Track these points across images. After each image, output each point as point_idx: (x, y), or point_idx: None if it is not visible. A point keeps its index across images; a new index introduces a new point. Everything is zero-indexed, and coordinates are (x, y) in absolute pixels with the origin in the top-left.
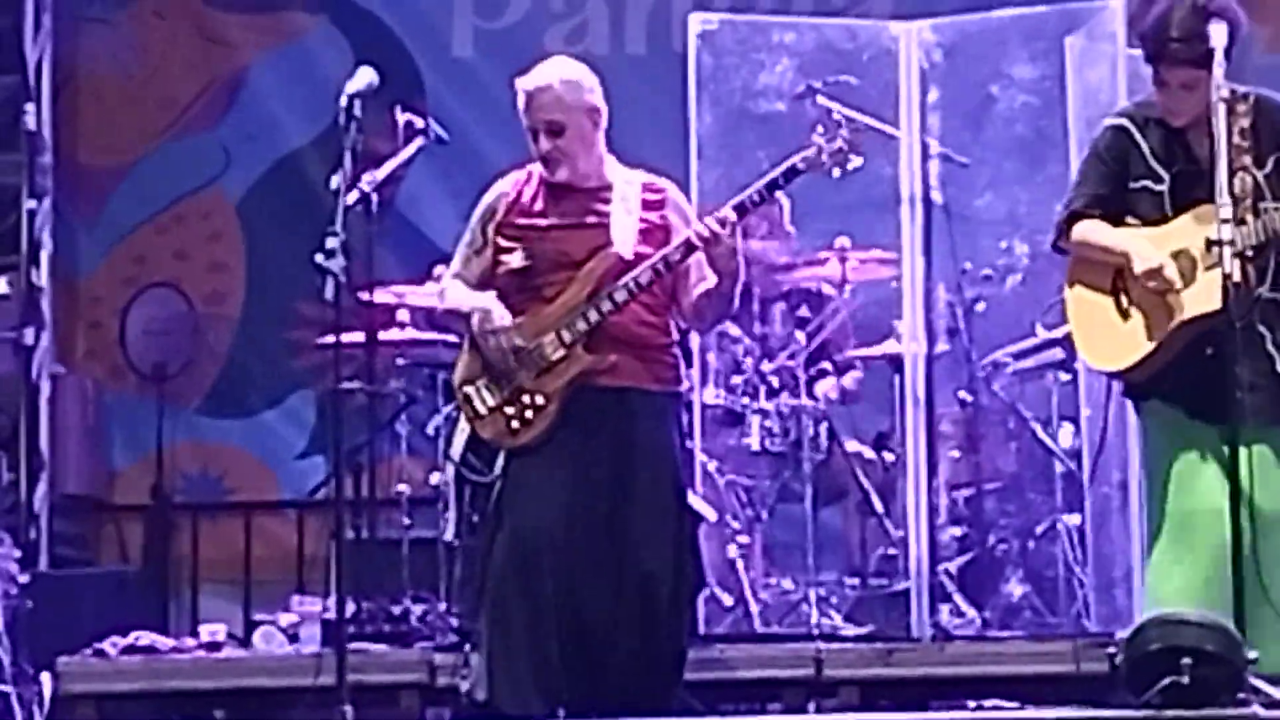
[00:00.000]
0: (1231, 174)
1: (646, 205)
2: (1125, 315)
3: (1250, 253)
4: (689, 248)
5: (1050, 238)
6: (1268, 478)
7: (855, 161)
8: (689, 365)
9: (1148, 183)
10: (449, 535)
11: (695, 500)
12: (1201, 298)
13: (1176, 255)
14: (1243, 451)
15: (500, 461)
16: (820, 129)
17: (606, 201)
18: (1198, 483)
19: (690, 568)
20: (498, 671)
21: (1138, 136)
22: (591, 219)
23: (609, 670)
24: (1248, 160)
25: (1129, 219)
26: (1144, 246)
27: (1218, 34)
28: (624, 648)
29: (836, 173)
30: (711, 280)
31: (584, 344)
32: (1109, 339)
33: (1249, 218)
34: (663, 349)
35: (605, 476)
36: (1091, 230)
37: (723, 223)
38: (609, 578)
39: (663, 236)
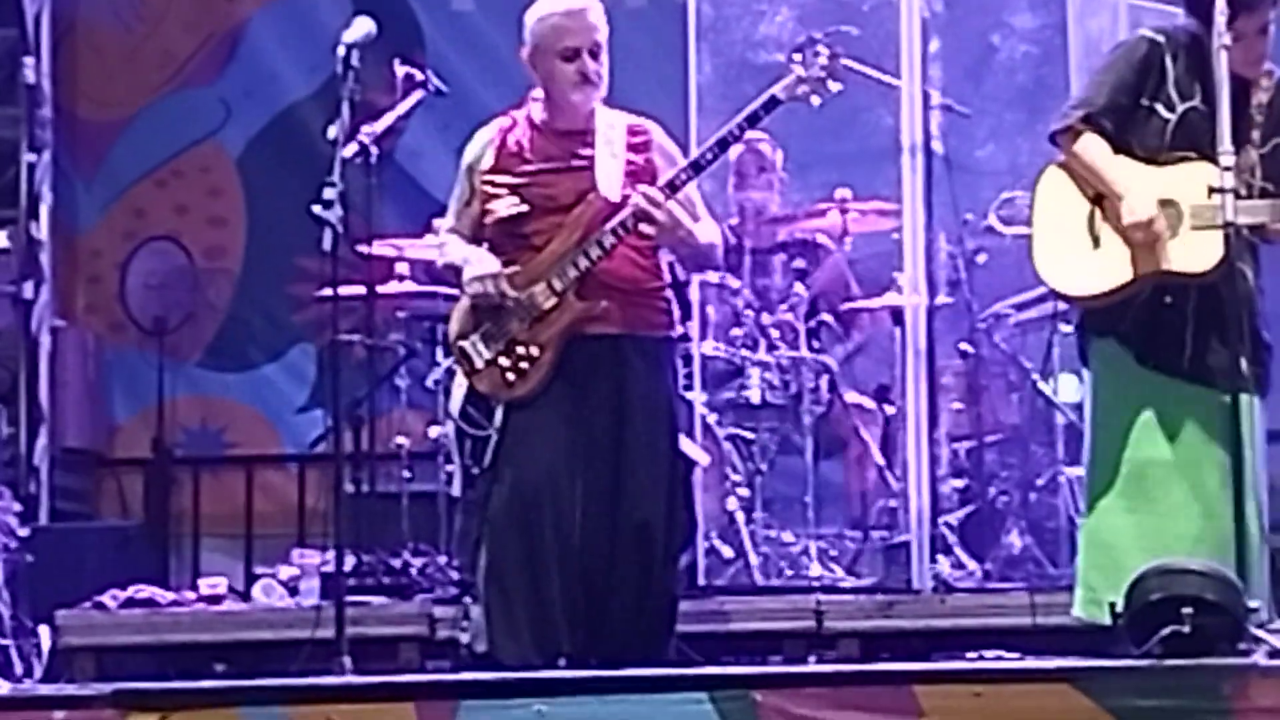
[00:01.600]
0: (1239, 146)
1: (631, 147)
2: (1096, 241)
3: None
4: (672, 187)
5: (1053, 127)
6: (1217, 436)
7: (834, 86)
8: (688, 318)
9: (1159, 106)
10: (456, 490)
11: (688, 445)
12: (1183, 255)
13: (1165, 204)
14: (1196, 407)
15: (499, 415)
16: (797, 56)
17: (591, 144)
18: (1151, 432)
19: (682, 515)
20: (496, 623)
21: (1167, 57)
22: (577, 162)
23: (606, 619)
24: (1256, 135)
25: (1129, 137)
26: (1138, 192)
27: None
28: (620, 596)
29: (816, 100)
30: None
31: (575, 291)
32: (1074, 261)
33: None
34: (654, 293)
35: (601, 425)
36: (1094, 149)
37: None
38: (605, 527)
39: (649, 179)
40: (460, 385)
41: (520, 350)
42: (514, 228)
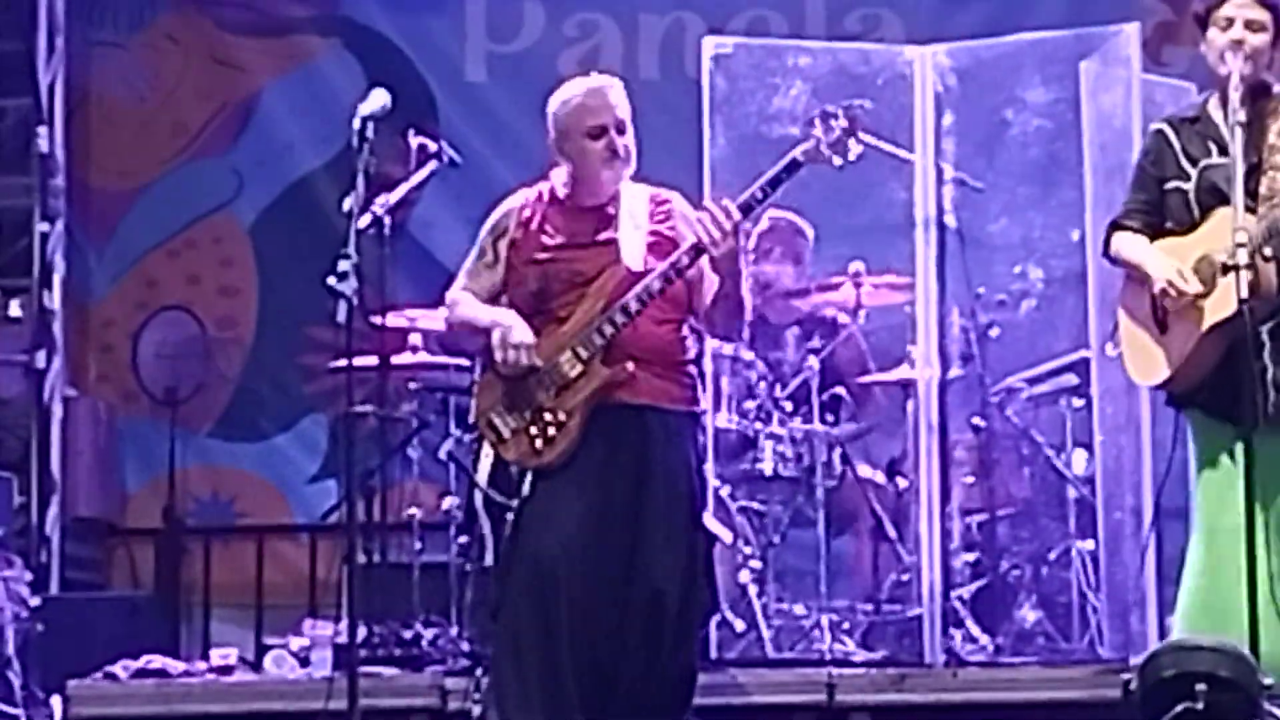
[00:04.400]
0: (1262, 172)
1: (653, 218)
2: (1163, 327)
3: (1268, 250)
4: (698, 250)
5: (1101, 251)
6: None
7: (855, 148)
8: (702, 390)
9: (1178, 183)
10: (488, 559)
11: (711, 521)
12: (1221, 303)
13: (1200, 261)
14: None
15: (527, 483)
16: (816, 120)
17: (614, 218)
18: (1228, 495)
19: (703, 590)
20: (510, 693)
21: (1172, 138)
22: (602, 236)
23: (620, 691)
24: (1279, 160)
25: (1167, 224)
26: (1159, 261)
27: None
28: (634, 668)
29: (838, 161)
30: (715, 282)
31: (601, 359)
32: (1149, 350)
33: (1273, 213)
34: (678, 367)
35: (623, 496)
36: (1124, 244)
37: (728, 213)
38: (621, 598)
39: (671, 248)
40: (487, 455)
41: (548, 417)
42: (538, 302)
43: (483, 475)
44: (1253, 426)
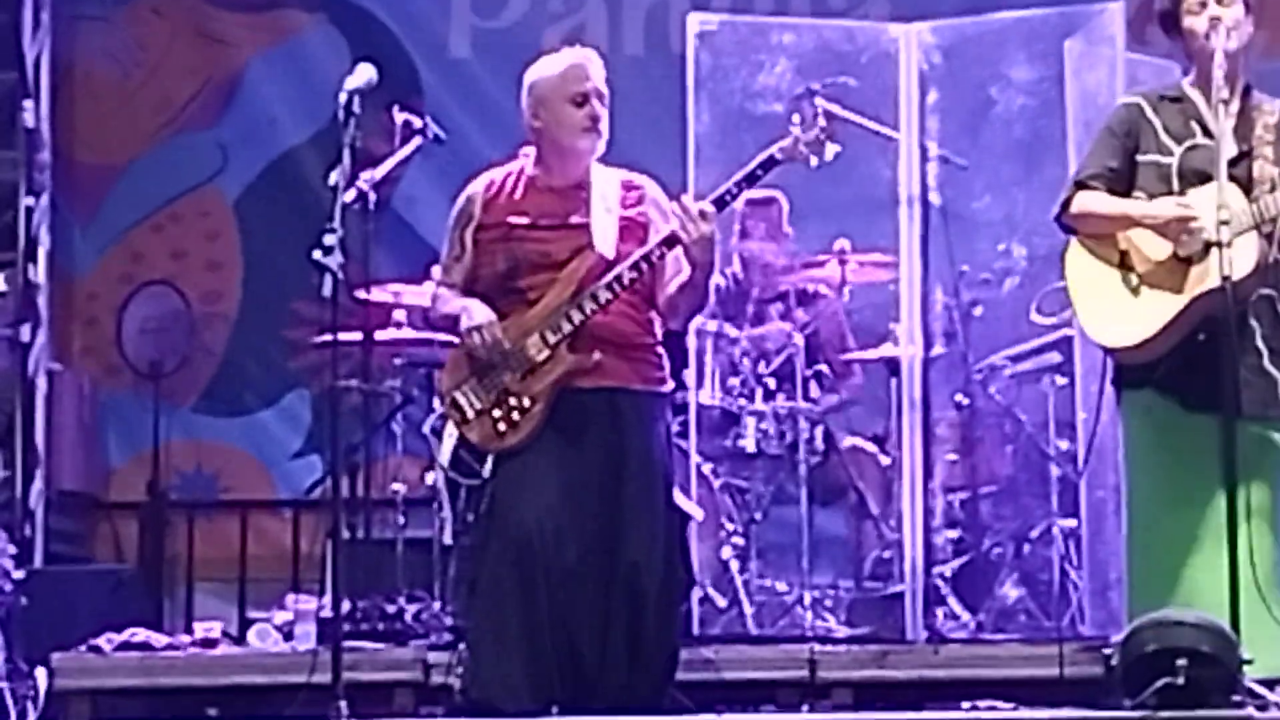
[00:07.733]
0: (1251, 159)
1: (625, 203)
2: (1135, 291)
3: (1266, 228)
4: (671, 241)
5: (1054, 211)
6: (1251, 472)
7: (832, 149)
8: (685, 366)
9: (1156, 156)
10: (447, 539)
11: (682, 499)
12: (1217, 271)
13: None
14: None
15: (488, 466)
16: (796, 118)
17: (586, 201)
18: (1190, 487)
19: (680, 568)
20: (490, 669)
21: (1149, 113)
22: (573, 219)
23: (601, 668)
24: (1269, 152)
25: (1135, 194)
26: (1157, 203)
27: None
28: (614, 646)
29: (814, 161)
30: (686, 273)
31: (568, 344)
32: (1118, 314)
33: (1266, 197)
34: (647, 348)
35: (596, 476)
36: (1097, 201)
37: (703, 214)
38: (599, 577)
39: (643, 234)
40: (451, 435)
41: (512, 401)
42: (506, 282)
43: (445, 454)
44: (1236, 408)
